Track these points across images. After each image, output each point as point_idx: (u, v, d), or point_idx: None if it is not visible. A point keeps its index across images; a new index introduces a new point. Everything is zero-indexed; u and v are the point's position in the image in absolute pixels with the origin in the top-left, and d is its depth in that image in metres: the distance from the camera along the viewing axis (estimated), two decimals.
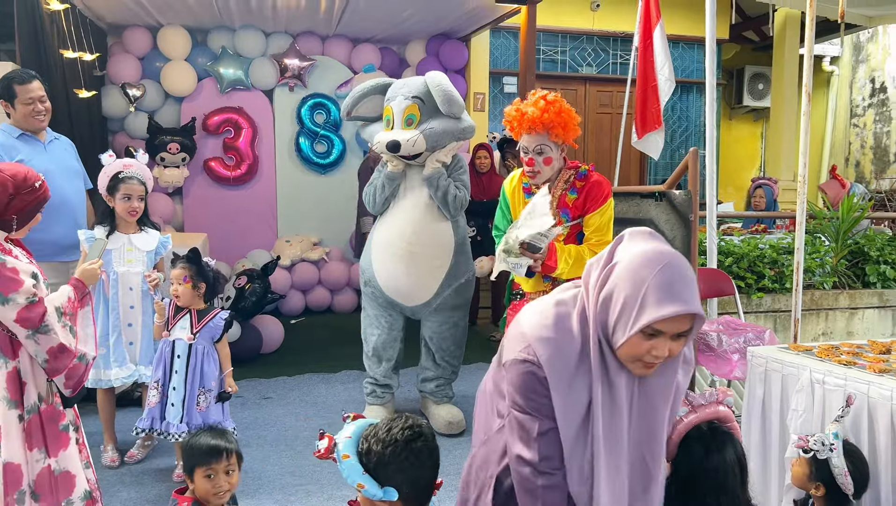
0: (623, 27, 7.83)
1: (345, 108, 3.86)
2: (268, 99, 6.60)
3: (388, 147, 3.59)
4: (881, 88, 9.20)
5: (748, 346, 3.62)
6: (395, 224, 3.74)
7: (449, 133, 3.65)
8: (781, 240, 5.31)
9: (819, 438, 2.13)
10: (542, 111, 2.87)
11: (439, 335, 3.87)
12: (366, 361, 3.96)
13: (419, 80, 3.71)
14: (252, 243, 6.48)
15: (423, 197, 3.72)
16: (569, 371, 1.54)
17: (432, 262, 3.73)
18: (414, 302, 3.79)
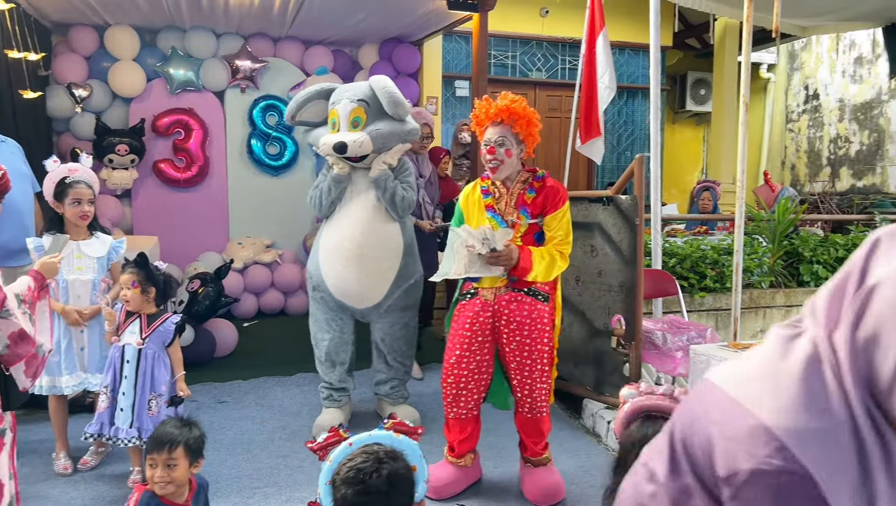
0: (571, 33, 8.02)
1: (288, 113, 3.87)
2: (219, 100, 6.54)
3: (334, 148, 3.61)
4: (814, 95, 9.64)
5: (691, 344, 3.80)
6: (343, 227, 3.77)
7: (395, 135, 3.70)
8: (722, 241, 5.54)
9: None
10: (510, 102, 3.02)
11: (390, 336, 3.92)
12: (319, 366, 3.98)
13: (364, 84, 3.77)
14: (203, 246, 6.41)
15: (371, 199, 3.76)
16: (852, 476, 0.89)
17: (381, 264, 3.78)
18: (364, 304, 3.83)
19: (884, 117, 8.69)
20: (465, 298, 3.20)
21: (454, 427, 3.23)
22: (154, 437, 2.25)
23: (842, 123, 9.17)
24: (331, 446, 1.72)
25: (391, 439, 1.72)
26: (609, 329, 3.91)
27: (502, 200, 3.12)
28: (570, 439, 3.92)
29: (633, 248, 3.70)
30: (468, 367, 3.14)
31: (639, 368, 3.74)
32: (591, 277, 3.97)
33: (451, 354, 3.17)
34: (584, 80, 5.16)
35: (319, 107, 3.85)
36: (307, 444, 1.79)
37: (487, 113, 3.05)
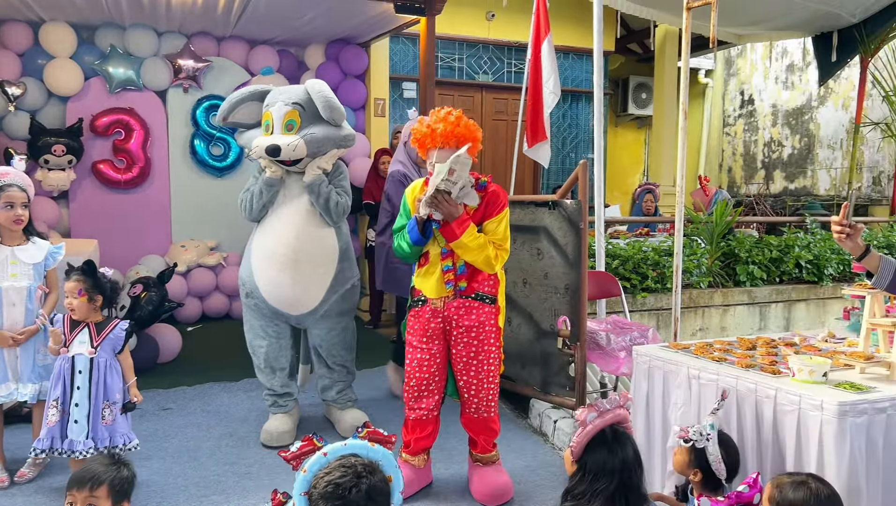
0: (517, 37, 8.12)
1: (221, 114, 3.79)
2: (160, 100, 6.41)
3: (267, 151, 3.54)
4: (749, 100, 10.00)
5: (634, 344, 3.91)
6: (276, 232, 3.70)
7: (330, 140, 3.66)
8: (663, 243, 5.70)
9: (697, 429, 2.37)
10: (454, 125, 3.01)
11: (328, 342, 3.88)
12: (259, 374, 3.92)
13: (299, 87, 3.72)
14: (145, 249, 6.28)
15: (304, 204, 3.70)
16: None
17: (317, 269, 3.73)
18: (300, 311, 3.77)
19: (814, 123, 9.08)
20: (417, 305, 3.24)
21: (415, 427, 3.28)
22: (76, 473, 2.16)
23: (775, 128, 9.54)
24: (304, 455, 1.71)
25: (367, 450, 1.71)
26: (555, 330, 3.98)
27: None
28: (518, 439, 3.99)
29: (578, 251, 3.79)
30: (429, 370, 3.20)
31: (584, 368, 3.83)
32: (538, 279, 4.04)
33: (413, 359, 3.23)
34: (530, 85, 5.24)
35: (253, 108, 3.76)
36: (280, 453, 1.78)
37: (433, 140, 3.04)
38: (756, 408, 2.54)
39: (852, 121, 8.10)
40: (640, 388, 3.13)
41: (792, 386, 2.44)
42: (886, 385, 2.48)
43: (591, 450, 2.18)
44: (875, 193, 8.20)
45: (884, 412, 2.33)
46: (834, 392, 2.37)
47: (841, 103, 8.73)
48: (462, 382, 3.24)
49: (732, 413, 2.63)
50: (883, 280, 2.40)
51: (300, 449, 1.76)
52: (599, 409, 2.23)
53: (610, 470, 2.13)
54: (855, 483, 2.25)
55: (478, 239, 3.06)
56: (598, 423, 2.21)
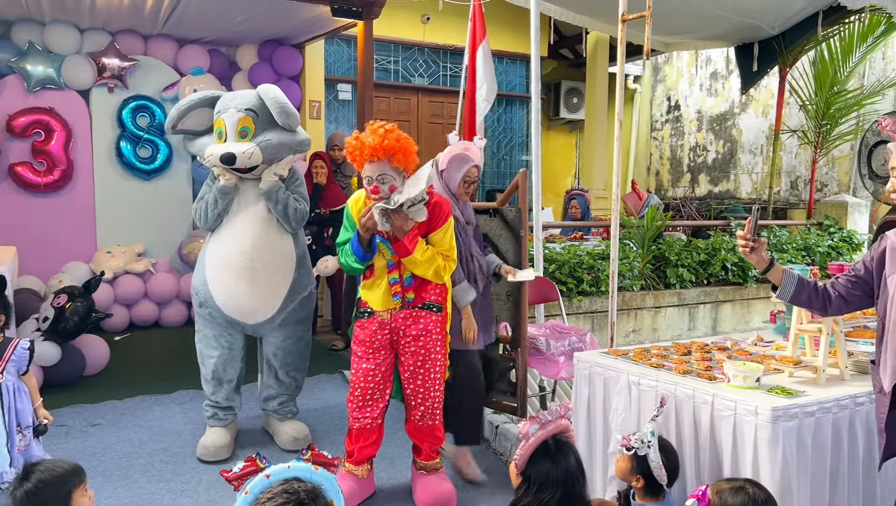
0: (453, 40, 8.14)
1: (170, 122, 3.70)
2: (84, 100, 6.13)
3: (222, 160, 3.49)
4: (676, 106, 10.34)
5: (573, 348, 3.99)
6: (231, 240, 3.65)
7: (286, 146, 3.62)
8: (597, 246, 5.83)
9: (638, 436, 2.43)
10: (382, 138, 3.00)
11: (284, 351, 3.84)
12: (205, 384, 3.83)
13: (251, 92, 3.67)
14: (68, 256, 5.99)
15: (260, 211, 3.67)
16: None
17: (274, 277, 3.70)
18: (256, 319, 3.73)
19: (736, 129, 9.47)
20: (363, 315, 3.22)
21: (358, 436, 3.25)
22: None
23: (700, 133, 9.90)
24: (247, 476, 1.68)
25: (310, 473, 1.69)
26: (496, 336, 4.01)
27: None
28: None
29: (519, 257, 3.83)
30: (374, 379, 3.19)
31: (525, 373, 3.87)
32: None
33: (358, 369, 3.21)
34: (468, 89, 5.26)
35: (203, 115, 3.70)
36: (222, 473, 1.74)
37: (362, 154, 3.02)
38: (694, 414, 2.63)
39: (772, 127, 8.48)
40: (581, 394, 3.18)
41: (728, 392, 2.53)
42: (814, 389, 2.60)
43: (535, 462, 2.21)
44: (793, 196, 8.61)
45: (812, 416, 2.44)
46: (767, 397, 2.47)
47: (761, 111, 9.13)
48: (409, 390, 3.25)
49: (671, 419, 2.71)
50: (786, 292, 2.49)
51: (243, 470, 1.72)
52: (541, 421, 2.26)
53: (554, 481, 2.17)
54: (787, 485, 2.35)
55: (427, 252, 3.07)
56: (541, 434, 2.24)
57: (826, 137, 7.39)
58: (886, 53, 7.80)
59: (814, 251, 6.78)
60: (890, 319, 2.22)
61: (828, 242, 6.97)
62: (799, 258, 6.56)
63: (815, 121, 7.41)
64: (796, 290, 2.48)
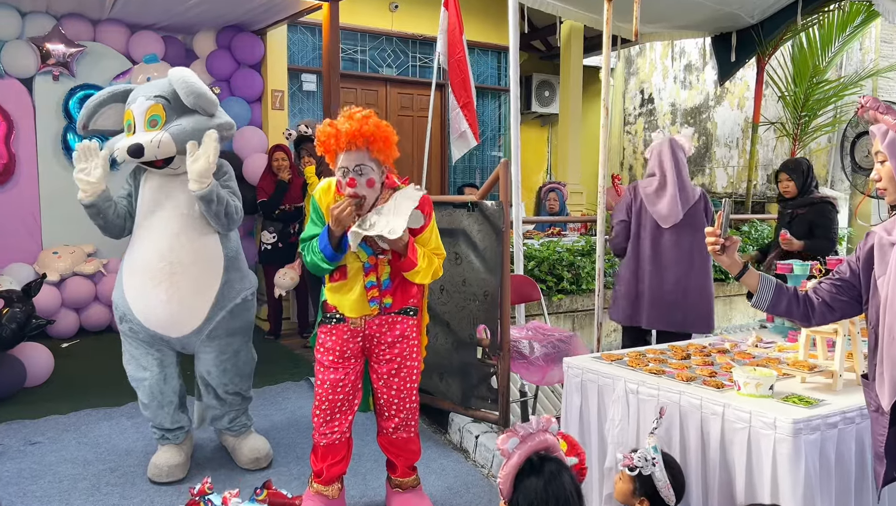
0: (422, 30, 7.85)
1: (81, 121, 3.27)
2: (26, 88, 5.71)
3: (129, 152, 3.08)
4: (649, 99, 10.16)
5: (557, 352, 3.72)
6: (148, 243, 3.21)
7: (201, 132, 3.17)
8: (576, 243, 5.58)
9: (641, 454, 2.16)
10: (361, 123, 2.65)
11: (218, 368, 3.39)
12: (144, 411, 3.42)
13: (163, 80, 3.27)
14: (10, 256, 5.57)
15: (181, 207, 3.23)
16: None
17: (197, 282, 3.24)
18: (181, 332, 3.27)
19: (711, 122, 9.32)
20: (331, 321, 2.89)
21: (326, 453, 2.92)
22: None
23: (674, 127, 9.73)
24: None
25: None
26: (474, 340, 3.73)
27: None
28: (438, 457, 3.71)
29: (499, 255, 3.55)
30: (343, 390, 2.87)
31: (507, 380, 3.59)
32: (456, 286, 3.78)
33: (325, 380, 2.86)
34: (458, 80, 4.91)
35: (117, 111, 3.28)
36: None
37: (338, 141, 2.66)
38: (701, 426, 2.37)
39: (748, 120, 8.33)
40: (572, 403, 2.92)
41: (740, 401, 2.28)
42: (832, 396, 2.36)
43: (522, 486, 1.92)
44: (770, 190, 8.48)
45: (835, 427, 2.20)
46: (784, 407, 2.22)
47: (736, 103, 8.99)
48: (382, 400, 2.95)
49: (674, 431, 2.45)
50: (762, 301, 2.19)
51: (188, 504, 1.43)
52: (520, 433, 1.97)
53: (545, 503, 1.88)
54: (810, 503, 2.11)
55: (425, 257, 2.79)
56: (523, 450, 1.95)
57: (805, 129, 7.25)
58: (864, 44, 7.70)
59: None
60: (884, 327, 1.91)
61: None
62: None
63: (794, 112, 7.26)
64: (774, 298, 2.17)
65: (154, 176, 3.27)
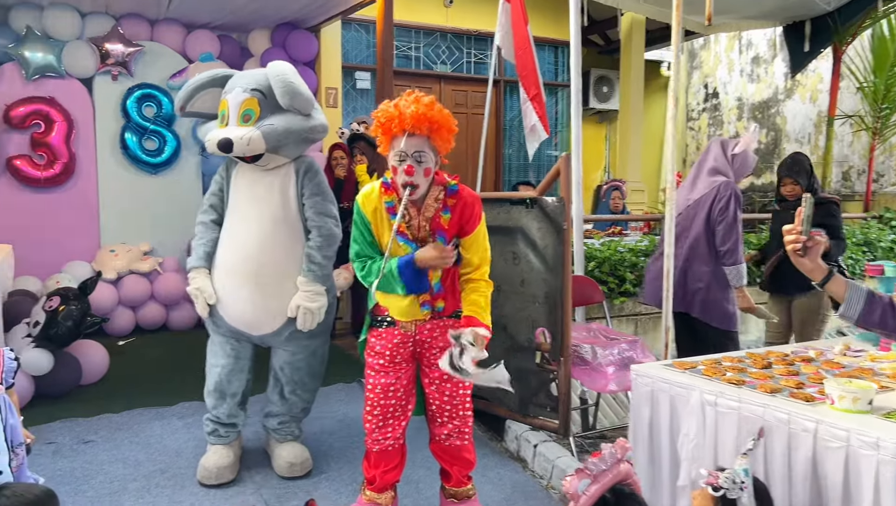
0: (477, 25, 7.68)
1: (178, 103, 3.29)
2: (86, 89, 5.77)
3: (219, 146, 3.05)
4: (714, 94, 9.76)
5: (623, 358, 3.50)
6: (237, 243, 3.19)
7: (293, 133, 3.14)
8: (639, 242, 5.33)
9: (729, 475, 1.94)
10: (427, 108, 2.50)
11: (291, 366, 3.37)
12: (207, 397, 3.39)
13: (261, 71, 3.22)
14: (69, 255, 5.63)
15: (272, 209, 3.19)
16: None
17: (283, 284, 3.21)
18: (261, 331, 3.28)
19: (780, 116, 8.88)
20: (382, 325, 2.75)
21: (379, 460, 2.80)
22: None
23: (741, 122, 9.32)
24: None
25: None
26: (533, 344, 3.55)
27: (414, 223, 2.64)
28: (494, 467, 3.54)
29: (560, 254, 3.36)
30: (395, 396, 2.73)
31: (568, 387, 3.39)
32: (513, 286, 3.59)
33: (376, 384, 2.73)
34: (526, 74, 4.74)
35: (215, 96, 3.26)
36: None
37: (401, 124, 2.50)
38: (789, 444, 2.14)
39: (820, 114, 7.90)
40: (640, 415, 2.70)
41: (835, 418, 2.05)
42: None
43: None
44: (845, 188, 8.02)
45: None
46: (888, 425, 1.97)
47: (808, 96, 8.53)
48: (434, 406, 2.79)
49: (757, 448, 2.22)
50: (852, 311, 1.96)
51: None
52: (593, 472, 1.78)
53: None
54: None
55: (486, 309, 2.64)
56: (595, 491, 1.76)
57: (885, 122, 6.80)
58: None
59: (875, 246, 6.22)
60: None
61: (890, 236, 6.40)
62: (859, 254, 6.00)
63: (873, 105, 6.82)
64: (866, 308, 1.93)
65: (245, 170, 3.26)
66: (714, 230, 3.77)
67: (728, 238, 3.74)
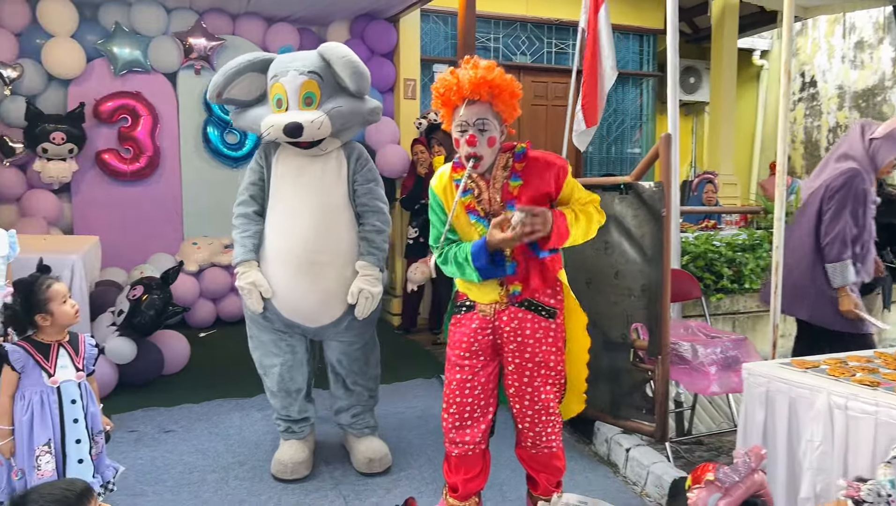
0: (558, 14, 7.44)
1: (215, 89, 3.08)
2: (170, 83, 5.85)
3: (286, 131, 2.90)
4: (811, 83, 9.17)
5: (725, 357, 3.22)
6: (291, 231, 3.04)
7: (357, 115, 3.06)
8: (735, 237, 4.98)
9: (873, 487, 1.68)
10: (486, 72, 2.33)
11: (349, 356, 3.23)
12: (272, 399, 3.28)
13: (311, 53, 3.07)
14: (154, 247, 5.72)
15: (324, 196, 3.06)
16: None
17: (340, 274, 3.08)
18: (319, 323, 3.13)
19: (887, 104, 8.24)
20: (461, 310, 2.58)
21: (458, 465, 2.61)
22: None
23: (841, 112, 8.71)
24: None
25: None
26: (627, 341, 3.30)
27: (484, 197, 2.46)
28: (582, 470, 3.32)
29: (659, 243, 3.10)
30: (472, 392, 2.54)
31: (666, 387, 3.14)
32: (606, 279, 3.36)
33: (451, 379, 2.56)
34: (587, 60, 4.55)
35: (253, 82, 3.10)
36: None
37: (460, 89, 2.34)
38: None
39: None
40: (753, 418, 2.45)
41: None
42: None
43: None
44: None
45: None
46: None
47: None
48: (515, 409, 2.59)
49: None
50: None
51: None
52: (725, 484, 1.55)
53: None
54: None
55: (578, 221, 2.40)
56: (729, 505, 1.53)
57: None
58: None
59: None
60: None
61: None
62: None
63: None
64: None
65: (290, 156, 3.10)
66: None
67: (830, 230, 3.37)
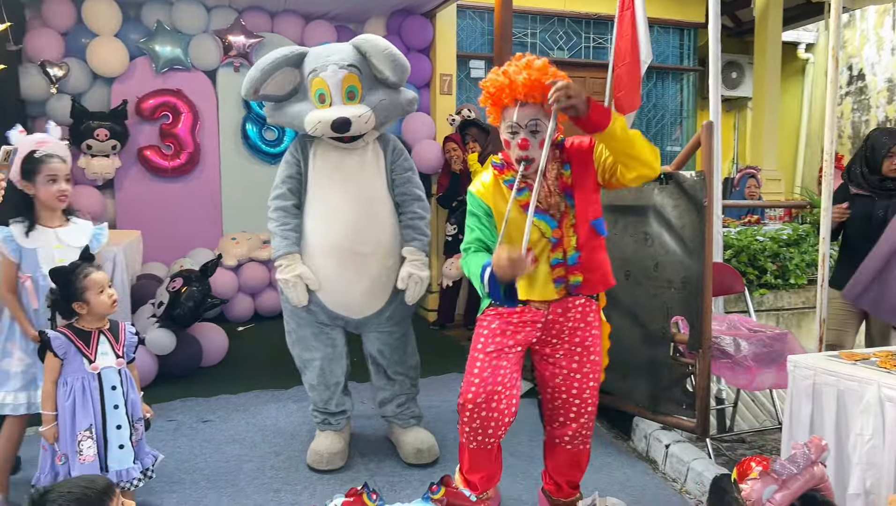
0: (596, 8, 7.36)
1: (252, 85, 3.02)
2: (210, 80, 5.92)
3: (333, 126, 2.88)
4: (859, 76, 8.92)
5: (769, 351, 3.14)
6: (333, 222, 3.04)
7: (398, 106, 3.09)
8: (780, 232, 4.85)
9: None
10: (541, 73, 2.26)
11: (390, 347, 3.24)
12: (311, 392, 3.29)
13: (345, 45, 3.05)
14: (194, 241, 5.80)
15: (365, 188, 3.06)
16: None
17: (383, 264, 3.10)
18: (362, 314, 3.14)
19: None
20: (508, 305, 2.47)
21: (474, 461, 2.50)
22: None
23: (891, 106, 8.45)
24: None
25: None
26: (667, 334, 3.23)
27: (542, 191, 2.37)
28: (620, 467, 3.26)
29: (701, 235, 3.03)
30: (501, 381, 2.39)
31: (707, 382, 3.06)
32: (645, 271, 3.29)
33: (473, 365, 2.43)
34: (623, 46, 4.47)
35: (287, 77, 3.08)
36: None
37: (513, 91, 2.27)
38: None
39: None
40: (799, 412, 2.37)
41: None
42: None
43: None
44: None
45: None
46: None
47: None
48: (559, 401, 2.52)
49: None
50: None
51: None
52: (781, 476, 1.49)
53: None
54: None
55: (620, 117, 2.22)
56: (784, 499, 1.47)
57: None
58: None
59: None
60: None
61: None
62: None
63: None
64: None
65: (328, 149, 3.09)
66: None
67: None
